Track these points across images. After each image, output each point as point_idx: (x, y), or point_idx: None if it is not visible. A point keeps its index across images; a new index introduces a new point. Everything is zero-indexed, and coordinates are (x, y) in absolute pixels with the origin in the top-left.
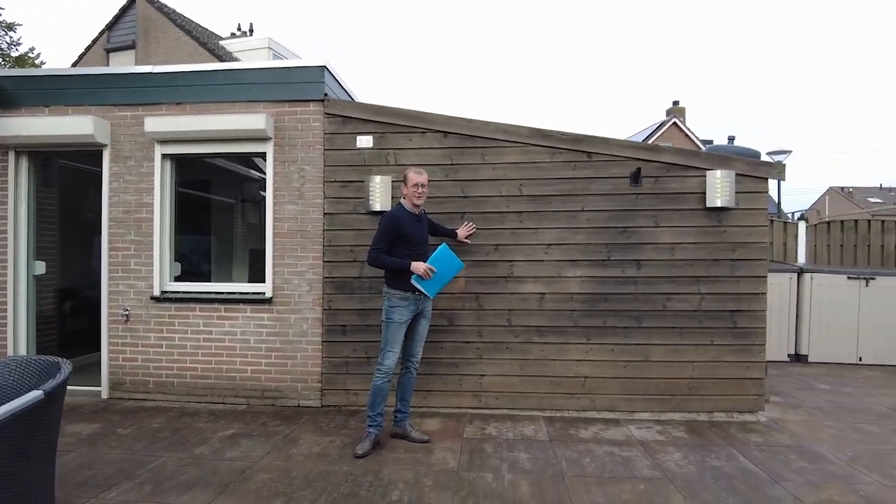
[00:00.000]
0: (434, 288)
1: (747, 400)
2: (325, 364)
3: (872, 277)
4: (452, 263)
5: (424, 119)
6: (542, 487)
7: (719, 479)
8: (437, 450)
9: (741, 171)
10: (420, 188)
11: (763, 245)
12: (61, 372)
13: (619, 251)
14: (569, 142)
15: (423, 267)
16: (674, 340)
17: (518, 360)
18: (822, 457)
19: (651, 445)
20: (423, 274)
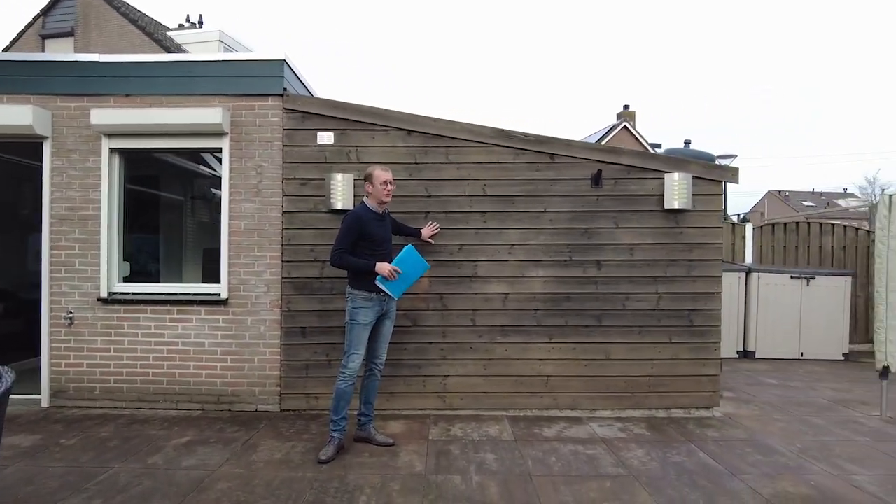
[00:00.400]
0: (399, 289)
1: (704, 396)
2: (284, 367)
3: (813, 277)
4: (418, 264)
5: (388, 117)
6: (510, 488)
7: (681, 475)
8: (402, 453)
9: (697, 174)
10: (389, 185)
11: (718, 246)
12: (3, 380)
13: (580, 251)
14: (532, 143)
15: (388, 268)
16: (633, 339)
17: (482, 361)
18: (774, 450)
19: (614, 443)
20: (387, 275)
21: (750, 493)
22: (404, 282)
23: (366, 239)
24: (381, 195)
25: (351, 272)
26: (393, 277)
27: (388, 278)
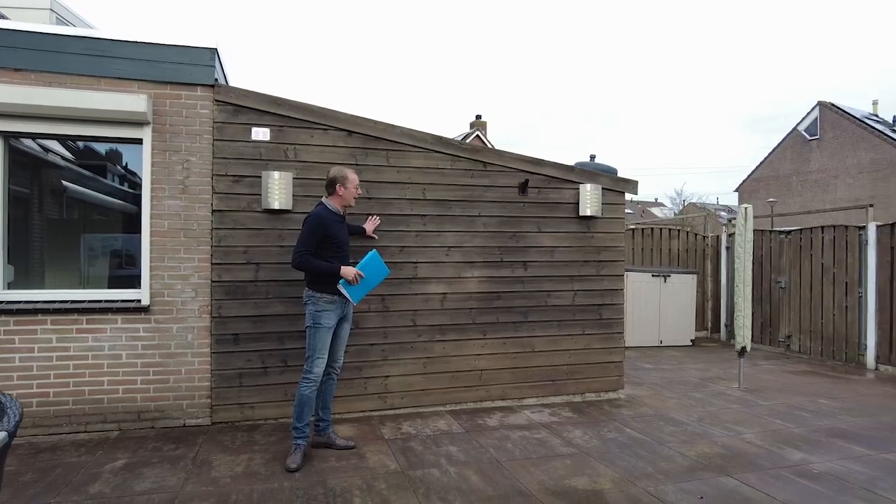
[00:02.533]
0: (359, 294)
1: (611, 381)
2: (216, 377)
3: (668, 275)
4: (380, 270)
5: (328, 116)
6: (489, 475)
7: (622, 448)
8: (368, 454)
9: (606, 186)
10: (359, 189)
11: (621, 248)
12: (11, 408)
13: (509, 253)
14: (468, 151)
15: (353, 272)
16: (553, 332)
17: (422, 359)
18: (680, 421)
19: (552, 427)
20: (352, 279)
21: (680, 456)
22: (365, 287)
23: (329, 241)
24: (352, 198)
25: (311, 275)
26: (357, 282)
27: (352, 282)
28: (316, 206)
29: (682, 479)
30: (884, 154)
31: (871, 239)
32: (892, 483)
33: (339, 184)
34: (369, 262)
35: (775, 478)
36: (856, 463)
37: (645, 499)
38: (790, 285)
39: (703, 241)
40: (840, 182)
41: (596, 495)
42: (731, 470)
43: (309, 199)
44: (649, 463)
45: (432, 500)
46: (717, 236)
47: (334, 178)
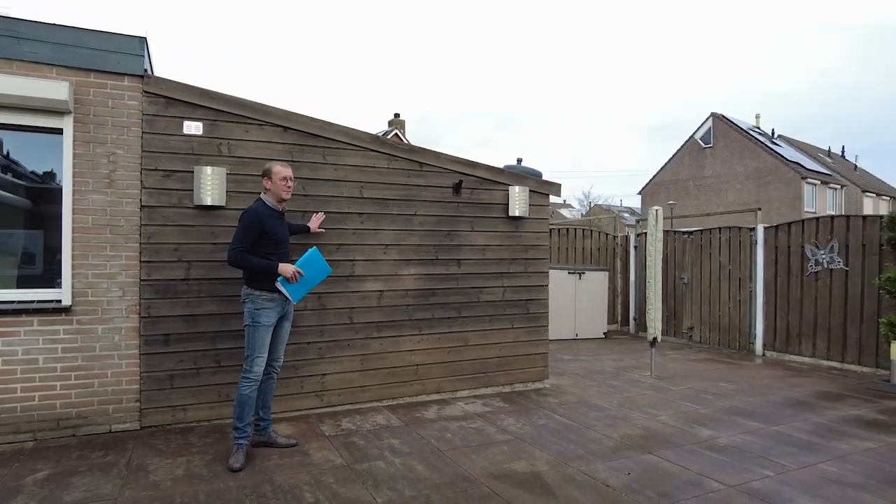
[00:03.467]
0: (299, 293)
1: (537, 371)
2: (145, 380)
3: (583, 272)
4: (321, 268)
5: (263, 111)
6: (432, 463)
7: (553, 433)
8: (311, 451)
9: (533, 188)
10: (289, 181)
11: (546, 247)
12: None
13: (444, 251)
14: (404, 151)
15: (292, 269)
16: (485, 326)
17: (359, 356)
18: (602, 407)
19: (486, 416)
20: (291, 277)
21: (606, 438)
22: (305, 285)
23: (266, 238)
24: (280, 191)
25: (249, 272)
26: (296, 280)
27: (291, 280)
28: (254, 202)
29: (610, 459)
30: (765, 163)
31: (759, 239)
32: (782, 450)
33: (266, 177)
34: (309, 259)
35: (689, 452)
36: (752, 436)
37: (579, 477)
38: (692, 281)
39: (613, 241)
40: (730, 187)
41: (535, 476)
42: (651, 448)
43: (243, 195)
44: (579, 445)
45: (382, 490)
46: (626, 236)
47: (263, 173)
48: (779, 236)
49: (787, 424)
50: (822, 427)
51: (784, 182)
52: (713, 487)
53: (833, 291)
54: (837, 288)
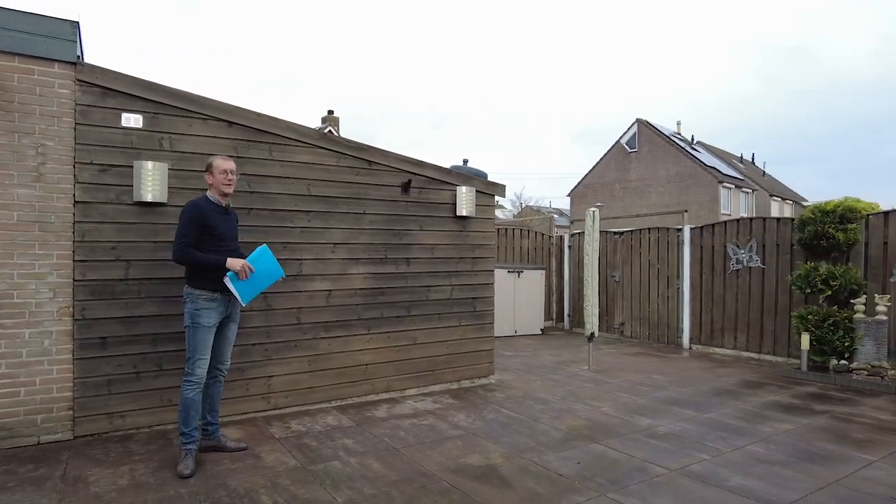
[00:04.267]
0: (248, 293)
1: (483, 367)
2: (79, 386)
3: (521, 271)
4: (272, 268)
5: (207, 105)
6: (388, 461)
7: (504, 426)
8: (263, 454)
9: (479, 189)
10: (229, 174)
11: (492, 246)
12: None
13: (393, 250)
14: (353, 149)
15: (241, 263)
16: (433, 324)
17: (307, 357)
18: (547, 400)
19: (437, 413)
20: (240, 270)
21: (554, 430)
22: (255, 286)
23: (208, 233)
24: (221, 185)
25: (191, 271)
26: (246, 275)
27: (241, 275)
28: (198, 198)
29: (561, 449)
30: (686, 167)
31: (686, 239)
32: (715, 435)
33: (208, 171)
34: (260, 256)
35: (632, 441)
36: (688, 423)
37: (533, 468)
38: (623, 279)
39: (548, 241)
40: (653, 190)
41: (491, 469)
42: (597, 438)
43: (186, 191)
44: (530, 438)
45: (341, 489)
46: (561, 236)
47: (206, 167)
48: (703, 236)
49: (718, 411)
50: (748, 412)
51: (702, 186)
52: (658, 472)
53: (752, 288)
54: (756, 284)
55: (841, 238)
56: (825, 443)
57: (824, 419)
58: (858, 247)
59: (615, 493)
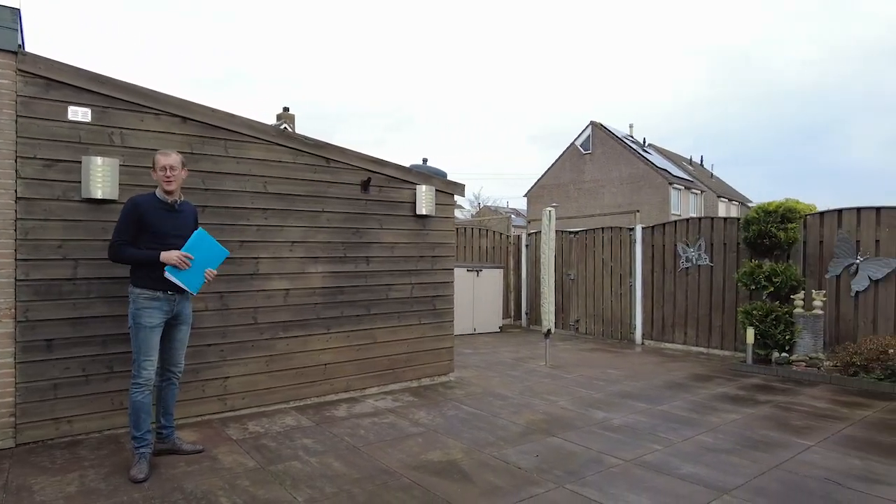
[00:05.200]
0: (195, 282)
1: (443, 365)
2: (22, 391)
3: (480, 269)
4: (214, 251)
5: (160, 100)
6: (349, 460)
7: (464, 423)
8: (220, 455)
9: (439, 188)
10: (168, 171)
11: (452, 245)
12: None
13: (353, 249)
14: (311, 146)
15: (176, 255)
16: (394, 323)
17: (264, 357)
18: (505, 396)
19: (397, 411)
20: (177, 263)
21: (513, 425)
22: (199, 271)
23: (147, 231)
24: (161, 182)
25: (134, 269)
26: (184, 266)
27: (179, 267)
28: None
29: (519, 443)
30: (638, 169)
31: (638, 238)
32: (667, 427)
33: (152, 167)
34: (197, 242)
35: (588, 433)
36: (641, 415)
37: (493, 462)
38: (578, 277)
39: (506, 240)
40: (607, 191)
41: (451, 464)
42: (554, 431)
43: (138, 188)
44: (489, 433)
45: (301, 489)
46: (519, 235)
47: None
48: (654, 236)
49: (669, 404)
50: (697, 404)
51: (654, 187)
52: (613, 463)
53: (700, 285)
54: (704, 282)
55: (782, 237)
56: (768, 430)
57: (767, 408)
58: (798, 245)
59: (572, 483)
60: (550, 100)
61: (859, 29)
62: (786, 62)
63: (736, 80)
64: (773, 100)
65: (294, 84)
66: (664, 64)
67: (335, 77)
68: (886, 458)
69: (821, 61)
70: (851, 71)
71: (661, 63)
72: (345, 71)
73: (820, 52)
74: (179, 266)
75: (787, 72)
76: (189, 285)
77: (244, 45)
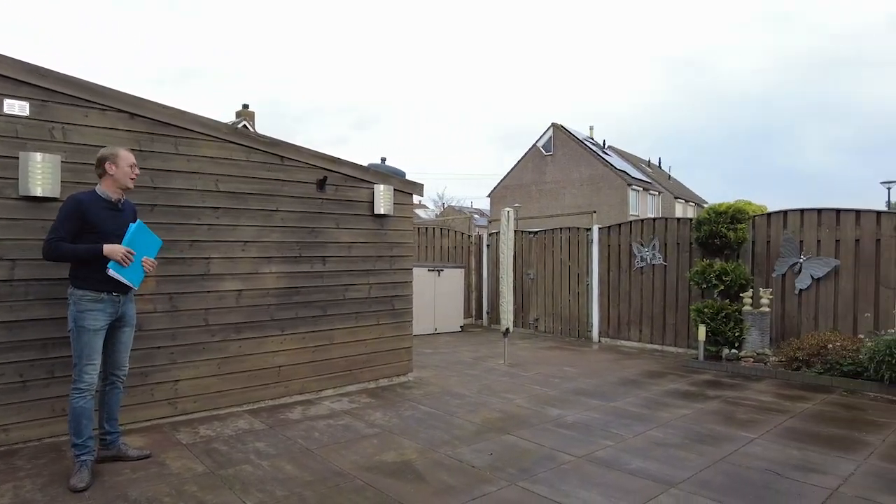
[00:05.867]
0: (138, 276)
1: (402, 365)
2: None
3: (442, 269)
4: (150, 242)
5: (106, 95)
6: (302, 462)
7: (420, 423)
8: (169, 461)
9: (397, 187)
10: (135, 168)
11: (410, 245)
12: None
13: (308, 249)
14: (264, 144)
15: (120, 250)
16: (351, 324)
17: (216, 360)
18: (463, 395)
19: (353, 412)
20: (120, 259)
21: (469, 424)
22: (140, 266)
23: (89, 230)
24: (127, 179)
25: (74, 269)
26: (127, 261)
27: (122, 263)
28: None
29: (474, 442)
30: (597, 171)
31: (595, 238)
32: (619, 423)
33: (110, 161)
34: (136, 235)
35: (542, 431)
36: (595, 412)
37: (447, 462)
38: (538, 277)
39: (468, 240)
40: (567, 192)
41: (405, 465)
42: (509, 429)
43: (81, 186)
44: (445, 432)
45: (251, 493)
46: (480, 235)
47: (104, 157)
48: (611, 236)
49: (622, 400)
50: (650, 400)
51: (613, 188)
52: (565, 460)
53: (655, 284)
54: (658, 280)
55: (732, 237)
56: (715, 425)
57: (716, 403)
58: (747, 245)
59: (524, 481)
60: (515, 101)
61: (804, 40)
62: (737, 70)
63: (693, 86)
64: (728, 105)
65: (257, 81)
66: (623, 68)
67: (300, 75)
68: (822, 447)
69: (770, 69)
70: (798, 79)
71: (621, 67)
72: (309, 68)
73: (770, 61)
74: (123, 263)
75: (739, 79)
76: (132, 280)
77: (206, 42)
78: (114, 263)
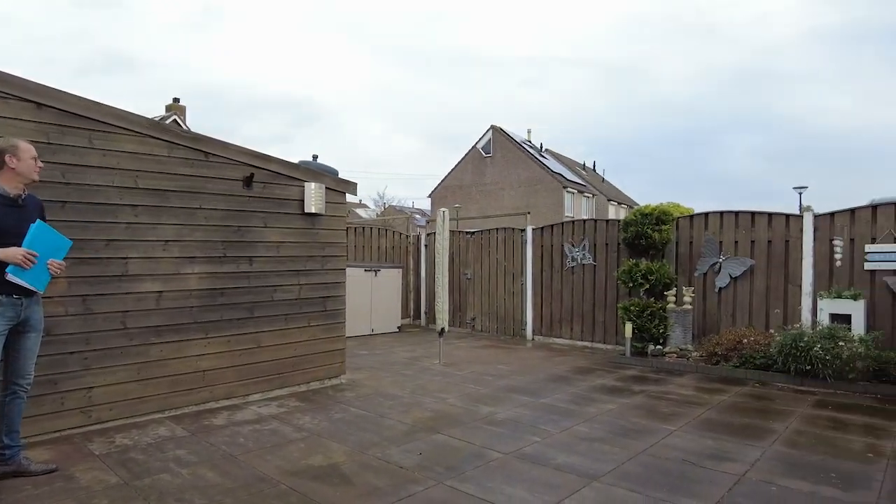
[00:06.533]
0: (41, 279)
1: (334, 367)
2: None
3: (378, 269)
4: (56, 243)
5: (10, 83)
6: (224, 469)
7: (350, 425)
8: (78, 473)
9: (329, 186)
10: (39, 161)
11: (343, 244)
12: None
13: (234, 248)
14: (187, 139)
15: (20, 252)
16: (281, 326)
17: (135, 365)
18: (396, 396)
19: (282, 417)
20: (21, 262)
21: (400, 424)
22: (45, 268)
23: None
24: (32, 172)
25: None
26: (29, 264)
27: (23, 266)
28: None
29: (404, 442)
30: (535, 173)
31: (529, 239)
32: (547, 419)
33: (10, 154)
34: (38, 236)
35: (473, 428)
36: (525, 409)
37: (375, 463)
38: (474, 276)
39: (406, 240)
40: (506, 193)
41: (332, 468)
42: (440, 428)
43: None
44: (375, 434)
45: (168, 502)
46: (418, 236)
47: (2, 150)
48: (544, 236)
49: (552, 397)
50: (578, 396)
51: (549, 190)
52: (493, 457)
53: (585, 283)
54: (588, 280)
55: (656, 237)
56: (639, 419)
57: (640, 398)
58: (671, 245)
59: (452, 479)
60: (456, 102)
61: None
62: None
63: (626, 91)
64: (659, 111)
65: (192, 73)
66: (559, 73)
67: (239, 68)
68: (734, 437)
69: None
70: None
71: (557, 72)
72: (250, 62)
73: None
74: (24, 265)
75: (671, 84)
76: (35, 284)
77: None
78: (13, 267)
